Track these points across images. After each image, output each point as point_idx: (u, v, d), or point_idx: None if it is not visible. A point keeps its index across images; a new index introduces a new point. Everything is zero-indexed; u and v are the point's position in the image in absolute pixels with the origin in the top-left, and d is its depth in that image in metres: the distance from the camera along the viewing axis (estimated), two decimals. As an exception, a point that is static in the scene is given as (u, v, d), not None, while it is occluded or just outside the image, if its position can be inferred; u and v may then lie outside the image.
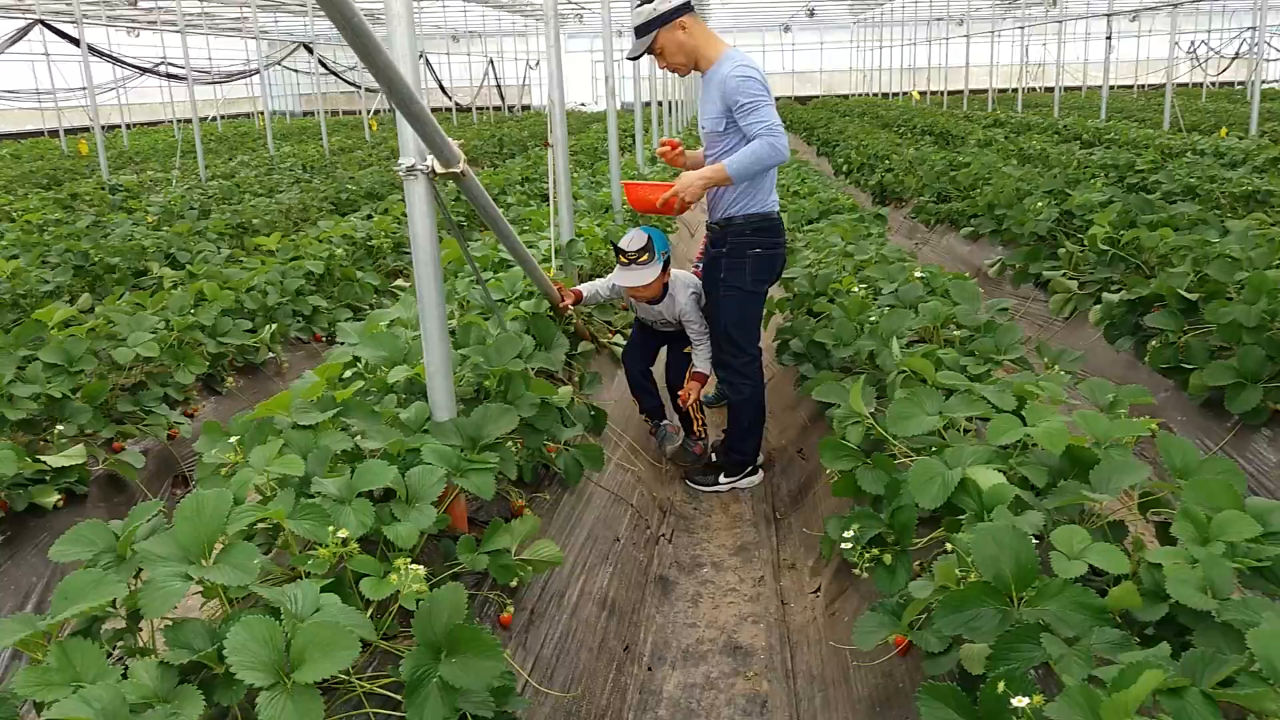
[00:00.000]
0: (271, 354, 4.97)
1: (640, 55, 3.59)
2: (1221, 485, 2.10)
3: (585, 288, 4.10)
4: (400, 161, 2.59)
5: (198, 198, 9.71)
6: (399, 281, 6.50)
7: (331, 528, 2.02)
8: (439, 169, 2.61)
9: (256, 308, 5.12)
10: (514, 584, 2.43)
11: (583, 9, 30.76)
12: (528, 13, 32.22)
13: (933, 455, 2.44)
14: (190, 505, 1.90)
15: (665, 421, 4.28)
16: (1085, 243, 5.56)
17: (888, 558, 2.50)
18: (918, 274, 4.41)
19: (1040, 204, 6.58)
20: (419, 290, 2.61)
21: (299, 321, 5.45)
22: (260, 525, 2.23)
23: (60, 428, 3.41)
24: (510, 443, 2.74)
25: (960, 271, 7.04)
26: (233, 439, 2.54)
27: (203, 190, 10.38)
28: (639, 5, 3.47)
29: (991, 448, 2.45)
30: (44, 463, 3.23)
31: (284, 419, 2.59)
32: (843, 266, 5.08)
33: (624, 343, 4.92)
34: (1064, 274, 5.76)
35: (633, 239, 3.77)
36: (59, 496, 3.27)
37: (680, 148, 3.74)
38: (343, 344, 3.21)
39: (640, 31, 3.49)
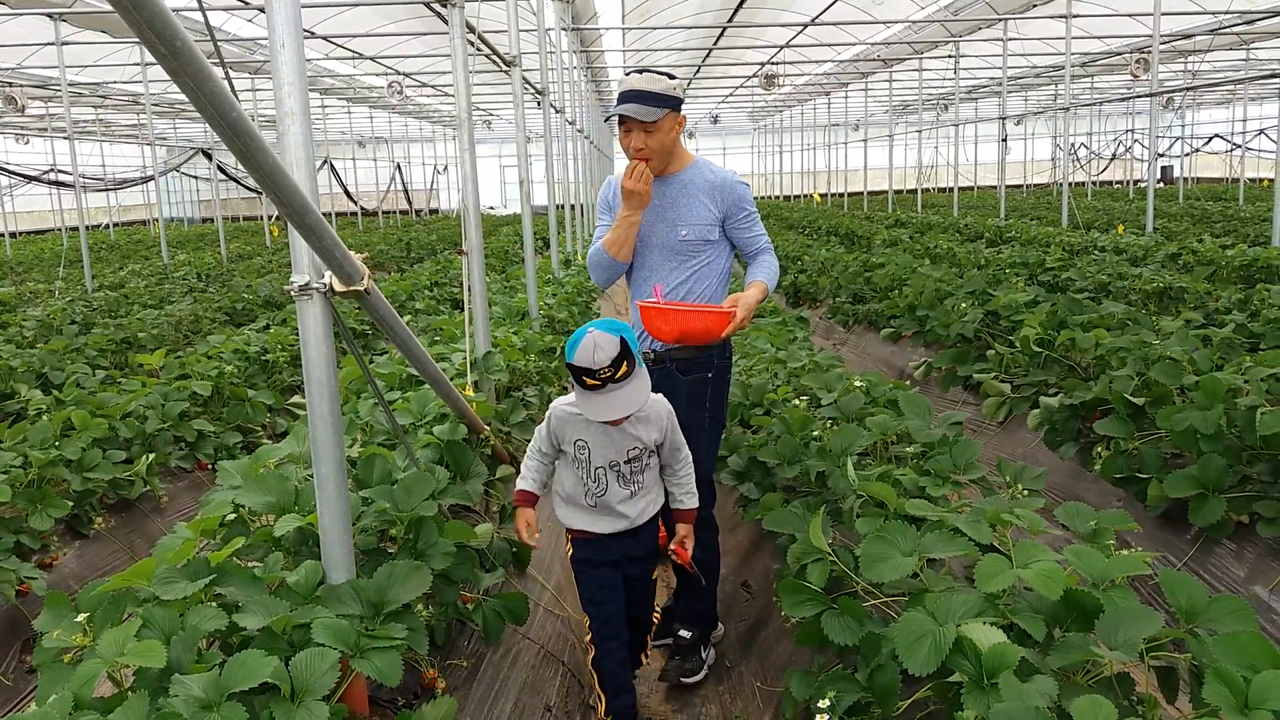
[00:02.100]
0: (148, 487, 4.43)
1: (631, 119, 2.96)
2: (1255, 640, 1.82)
3: (532, 481, 2.82)
4: (293, 279, 2.21)
5: (81, 310, 9.08)
6: (296, 398, 6.02)
7: (192, 749, 1.59)
8: (338, 287, 2.25)
9: (133, 435, 4.60)
10: (427, 786, 2.00)
11: (490, 115, 31.04)
12: (435, 119, 32.36)
13: (916, 608, 2.11)
14: (-1, 734, 1.45)
15: None
16: (1017, 344, 5.43)
17: (868, 728, 2.15)
18: (857, 383, 4.17)
19: (965, 305, 6.49)
20: (312, 429, 2.22)
21: (181, 448, 4.93)
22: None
23: (-123, 596, 2.87)
24: (421, 605, 2.33)
25: (882, 373, 6.91)
26: (81, 617, 2.08)
27: (87, 302, 9.74)
28: (653, 71, 3.06)
29: (980, 595, 2.14)
30: None
31: (146, 588, 2.14)
32: (775, 374, 4.83)
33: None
34: (995, 376, 5.62)
35: (598, 347, 2.50)
36: None
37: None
38: (223, 486, 2.77)
39: (660, 101, 2.98)
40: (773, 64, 18.15)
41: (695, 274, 3.16)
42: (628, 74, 3.07)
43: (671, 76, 3.07)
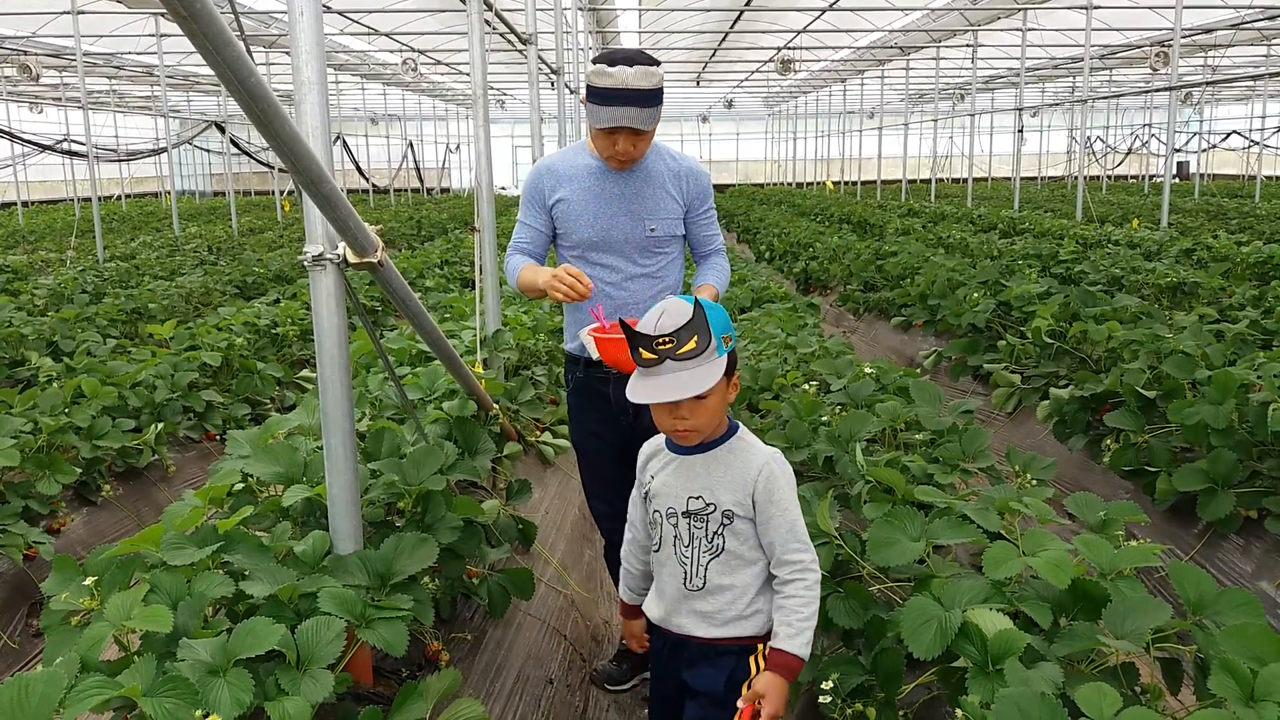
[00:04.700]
0: (156, 456, 4.45)
1: (629, 126, 2.52)
2: (1263, 633, 1.82)
3: (628, 586, 2.23)
4: (306, 250, 2.20)
5: (92, 280, 9.09)
6: (304, 372, 6.03)
7: (199, 713, 1.59)
8: (352, 258, 2.24)
9: (142, 404, 4.61)
10: (431, 757, 2.01)
11: (504, 95, 30.94)
12: (448, 97, 32.28)
13: (922, 593, 2.11)
14: (10, 693, 1.46)
15: None
16: (1028, 335, 5.41)
17: (871, 711, 2.15)
18: (867, 370, 4.16)
19: (977, 295, 6.47)
20: (323, 401, 2.21)
21: (190, 419, 4.94)
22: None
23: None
24: (427, 578, 2.34)
25: (893, 361, 6.89)
26: (89, 581, 2.09)
27: (98, 272, 9.76)
28: (643, 62, 2.50)
29: (987, 582, 2.14)
30: None
31: (154, 554, 2.15)
32: (785, 359, 4.82)
33: (554, 441, 4.52)
34: (1005, 367, 5.60)
35: (665, 313, 1.86)
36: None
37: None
38: (232, 455, 2.77)
39: (658, 99, 2.55)
40: (789, 49, 18.06)
41: (660, 270, 2.83)
42: (611, 64, 2.48)
43: (657, 61, 2.57)
